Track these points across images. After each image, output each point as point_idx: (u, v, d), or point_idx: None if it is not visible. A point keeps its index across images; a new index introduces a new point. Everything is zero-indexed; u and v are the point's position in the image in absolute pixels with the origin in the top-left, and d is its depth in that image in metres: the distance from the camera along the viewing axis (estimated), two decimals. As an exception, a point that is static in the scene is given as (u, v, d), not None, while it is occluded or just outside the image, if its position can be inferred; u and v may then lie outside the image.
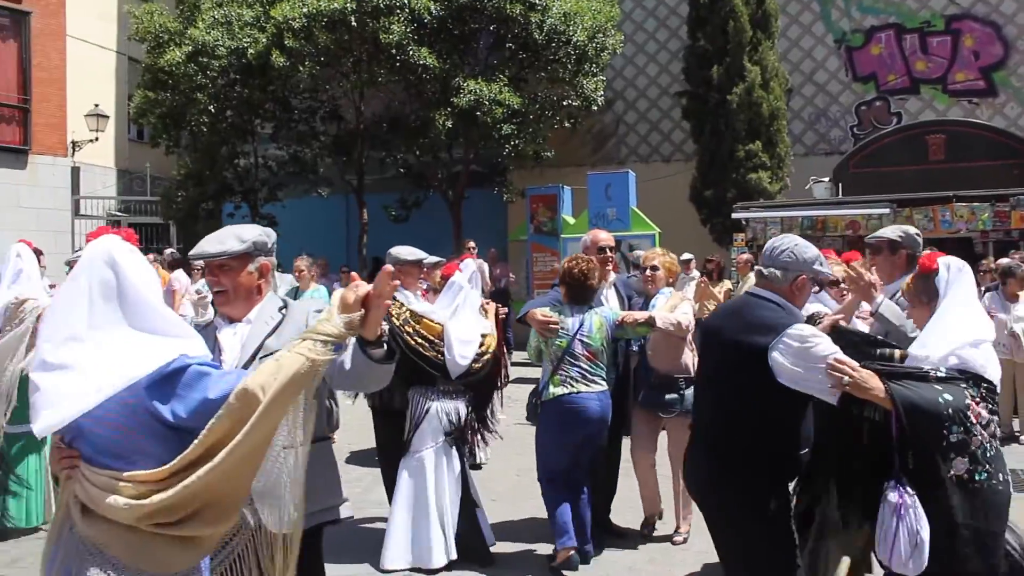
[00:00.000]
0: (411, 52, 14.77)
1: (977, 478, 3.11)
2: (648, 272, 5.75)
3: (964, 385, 3.14)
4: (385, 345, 2.62)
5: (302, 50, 15.40)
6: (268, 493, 2.43)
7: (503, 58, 16.07)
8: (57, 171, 19.64)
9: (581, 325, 5.13)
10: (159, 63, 17.42)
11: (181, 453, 2.23)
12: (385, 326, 2.62)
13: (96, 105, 19.70)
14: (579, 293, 5.19)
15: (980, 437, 3.10)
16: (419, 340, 5.00)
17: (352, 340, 2.53)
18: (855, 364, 3.12)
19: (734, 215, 13.94)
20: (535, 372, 12.28)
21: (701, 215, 16.21)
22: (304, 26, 15.19)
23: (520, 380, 13.10)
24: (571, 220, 14.55)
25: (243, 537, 2.56)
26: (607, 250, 5.76)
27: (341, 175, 18.26)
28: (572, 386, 5.09)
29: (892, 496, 3.09)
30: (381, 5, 14.72)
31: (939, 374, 3.16)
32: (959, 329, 3.28)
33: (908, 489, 3.08)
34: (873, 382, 3.08)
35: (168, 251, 13.42)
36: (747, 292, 3.65)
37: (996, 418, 3.22)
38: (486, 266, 13.34)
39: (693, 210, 16.26)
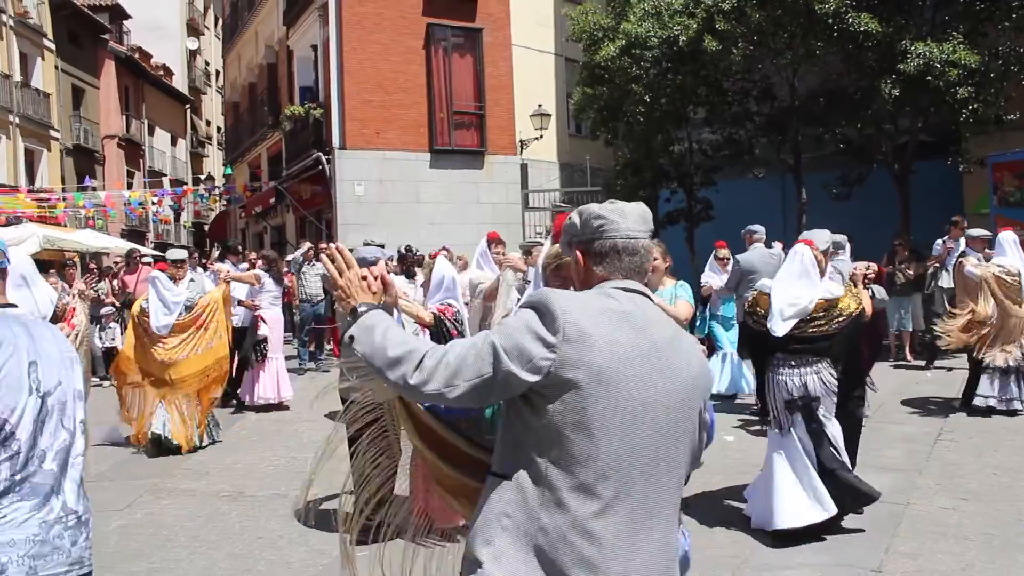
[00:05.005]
0: (849, 19, 13.92)
1: None
2: None
3: None
4: None
5: (734, 31, 15.27)
6: None
7: (955, 13, 14.50)
8: (508, 168, 21.64)
9: None
10: (595, 59, 18.42)
11: None
12: None
13: (539, 105, 21.30)
14: None
15: None
16: None
17: None
18: None
19: None
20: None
21: None
22: (735, 7, 15.04)
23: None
24: (1044, 188, 12.83)
25: None
26: None
27: (776, 154, 17.82)
28: None
29: None
30: (814, -25, 14.07)
31: None
32: None
33: None
34: None
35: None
36: None
37: None
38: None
39: None
